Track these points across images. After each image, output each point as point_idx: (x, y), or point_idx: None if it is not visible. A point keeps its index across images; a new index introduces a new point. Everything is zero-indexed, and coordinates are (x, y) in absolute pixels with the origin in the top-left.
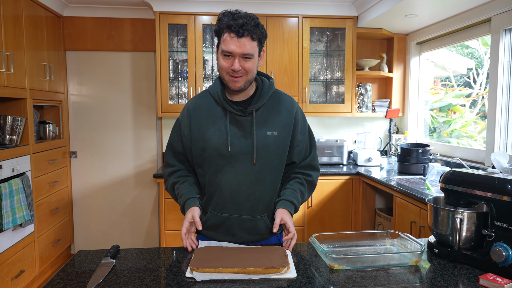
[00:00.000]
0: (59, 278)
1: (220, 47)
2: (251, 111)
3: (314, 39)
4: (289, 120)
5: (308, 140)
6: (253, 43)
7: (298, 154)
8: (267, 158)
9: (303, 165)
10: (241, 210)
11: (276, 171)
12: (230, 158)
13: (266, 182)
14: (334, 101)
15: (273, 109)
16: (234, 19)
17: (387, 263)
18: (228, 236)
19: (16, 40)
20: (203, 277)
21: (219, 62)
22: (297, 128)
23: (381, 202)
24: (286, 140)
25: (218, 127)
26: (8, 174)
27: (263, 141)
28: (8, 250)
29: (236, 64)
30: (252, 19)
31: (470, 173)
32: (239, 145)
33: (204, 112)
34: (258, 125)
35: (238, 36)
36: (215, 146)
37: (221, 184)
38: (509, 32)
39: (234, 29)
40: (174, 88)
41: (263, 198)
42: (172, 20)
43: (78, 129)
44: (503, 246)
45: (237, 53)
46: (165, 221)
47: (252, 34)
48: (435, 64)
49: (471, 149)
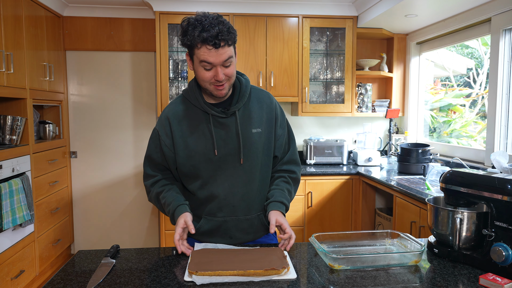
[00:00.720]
0: (59, 278)
1: (195, 58)
2: (234, 111)
3: (314, 39)
4: (270, 115)
5: (287, 134)
6: (230, 48)
7: (279, 148)
8: (255, 156)
9: (284, 161)
10: (236, 211)
11: (265, 167)
12: (219, 161)
13: (257, 180)
14: (334, 101)
15: (254, 106)
16: (206, 30)
17: (387, 263)
18: (225, 238)
19: (16, 40)
20: (203, 280)
21: (198, 73)
22: (278, 122)
23: (381, 202)
24: (270, 135)
25: (202, 132)
26: (8, 174)
27: (249, 139)
28: (8, 250)
29: (220, 74)
30: (223, 25)
31: (470, 173)
32: (225, 147)
33: (185, 118)
34: (242, 124)
35: (216, 47)
36: (202, 152)
37: (213, 189)
38: (509, 32)
39: (210, 42)
40: (174, 88)
41: (257, 196)
42: (172, 20)
43: (78, 129)
44: (503, 246)
45: (217, 63)
46: (165, 221)
47: (228, 40)
48: (435, 64)
49: (471, 149)
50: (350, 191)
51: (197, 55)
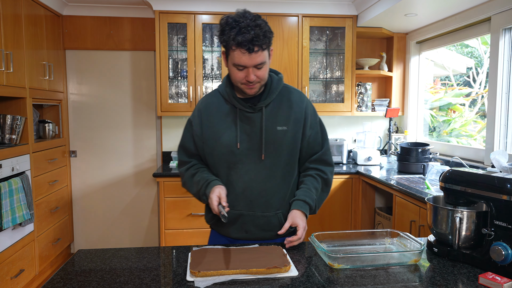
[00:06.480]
0: (59, 277)
1: (230, 59)
2: (261, 107)
3: (313, 38)
4: (299, 115)
5: (320, 134)
6: (263, 53)
7: (307, 148)
8: (278, 153)
9: (313, 160)
10: (254, 206)
11: (288, 166)
12: (241, 155)
13: (278, 178)
14: (333, 100)
15: (283, 104)
16: (241, 33)
17: (387, 262)
18: (241, 232)
19: (15, 39)
20: (206, 283)
21: (231, 72)
22: (307, 123)
23: (381, 201)
24: (297, 134)
25: (228, 125)
26: (8, 173)
27: (273, 136)
28: (7, 249)
29: (251, 75)
30: (260, 29)
31: (470, 172)
32: (249, 141)
33: (215, 110)
34: (267, 121)
35: (249, 52)
36: (226, 144)
37: (233, 181)
38: (508, 31)
39: (244, 46)
40: (174, 87)
41: (276, 194)
42: (172, 19)
43: (78, 128)
44: (503, 245)
45: (249, 66)
46: (165, 220)
47: (262, 45)
48: (435, 63)
49: (471, 148)
50: (350, 190)
51: (231, 56)
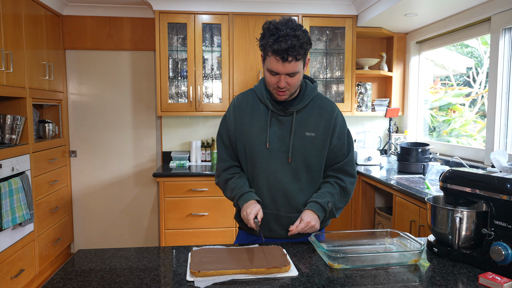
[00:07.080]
0: (59, 277)
1: (265, 63)
2: (292, 112)
3: (313, 38)
4: (329, 123)
5: (345, 145)
6: (297, 63)
7: (332, 156)
8: (304, 157)
9: (334, 168)
10: (278, 206)
11: (314, 171)
12: (268, 155)
13: (302, 181)
14: (333, 100)
15: (314, 111)
16: (279, 41)
17: (387, 262)
18: (265, 230)
19: (15, 39)
20: (206, 283)
21: (265, 76)
22: (335, 132)
23: (381, 201)
24: (325, 142)
25: (260, 124)
26: (8, 173)
27: (301, 140)
28: (7, 249)
29: (282, 82)
30: (297, 39)
31: (470, 172)
32: (277, 143)
33: (248, 109)
34: (297, 126)
35: (283, 61)
36: (256, 143)
37: (259, 180)
38: (508, 31)
39: (279, 54)
40: (174, 87)
41: (300, 197)
42: (172, 19)
43: (78, 128)
44: (503, 245)
45: (282, 73)
46: (165, 220)
47: (297, 56)
48: (435, 63)
49: (471, 148)
50: None
51: (267, 61)
